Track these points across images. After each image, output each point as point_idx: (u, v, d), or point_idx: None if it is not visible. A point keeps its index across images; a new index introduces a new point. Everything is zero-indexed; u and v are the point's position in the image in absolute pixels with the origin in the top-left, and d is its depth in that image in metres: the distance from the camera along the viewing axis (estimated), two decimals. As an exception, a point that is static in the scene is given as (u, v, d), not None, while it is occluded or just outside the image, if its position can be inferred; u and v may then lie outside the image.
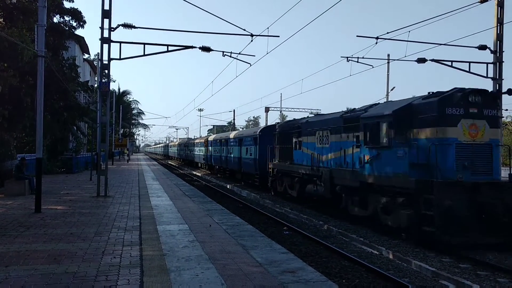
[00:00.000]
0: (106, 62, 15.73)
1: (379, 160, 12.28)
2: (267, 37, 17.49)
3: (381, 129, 12.14)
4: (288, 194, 19.62)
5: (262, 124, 73.75)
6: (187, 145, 59.12)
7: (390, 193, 11.77)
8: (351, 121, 14.32)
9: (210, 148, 40.41)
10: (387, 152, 11.97)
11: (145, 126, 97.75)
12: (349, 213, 14.15)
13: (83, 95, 39.86)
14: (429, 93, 11.91)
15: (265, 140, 23.94)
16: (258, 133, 25.41)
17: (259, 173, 24.64)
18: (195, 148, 50.45)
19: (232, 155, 31.44)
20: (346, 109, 19.13)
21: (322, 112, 47.25)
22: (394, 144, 11.69)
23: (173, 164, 66.60)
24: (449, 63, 18.01)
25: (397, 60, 20.73)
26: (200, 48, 17.08)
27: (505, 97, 17.56)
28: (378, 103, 14.52)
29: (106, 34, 15.50)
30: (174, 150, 77.80)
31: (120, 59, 15.86)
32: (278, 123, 23.61)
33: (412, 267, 9.22)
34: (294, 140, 19.02)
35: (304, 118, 19.42)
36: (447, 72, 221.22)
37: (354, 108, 15.80)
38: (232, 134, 33.77)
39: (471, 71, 17.81)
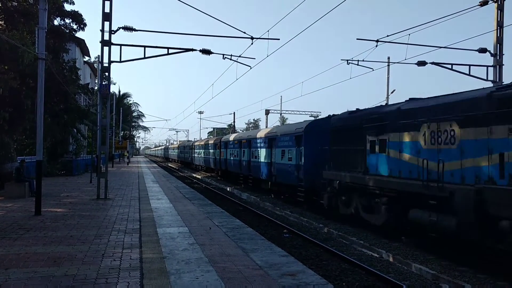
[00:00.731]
0: (107, 65, 15.78)
1: None
2: (267, 40, 17.54)
3: None
4: (363, 219, 13.14)
5: (263, 126, 73.59)
6: (192, 147, 51.69)
7: None
8: None
9: (224, 150, 33.68)
10: None
11: (145, 129, 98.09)
12: None
13: (83, 98, 39.94)
14: None
15: (313, 140, 17.88)
16: (303, 129, 18.73)
17: (304, 184, 18.01)
18: (202, 150, 44.11)
19: (258, 160, 24.59)
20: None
21: (321, 116, 44.74)
22: None
23: (173, 166, 66.64)
24: (449, 66, 18.05)
25: (397, 63, 20.81)
26: (200, 51, 17.15)
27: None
28: None
29: (106, 37, 15.57)
30: (175, 153, 77.40)
31: (120, 61, 15.92)
32: (333, 115, 17.37)
33: (412, 270, 9.22)
34: (369, 138, 12.98)
35: (392, 105, 12.90)
36: (447, 75, 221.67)
37: None
38: (258, 133, 26.54)
39: (471, 74, 17.84)
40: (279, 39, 17.46)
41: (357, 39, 17.90)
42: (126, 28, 15.90)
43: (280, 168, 20.91)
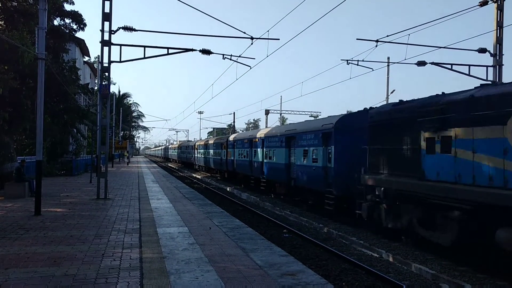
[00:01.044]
0: (106, 65, 15.78)
1: None
2: (267, 40, 17.53)
3: None
4: (420, 236, 10.58)
5: (263, 126, 73.37)
6: (195, 147, 49.49)
7: None
8: None
9: (231, 150, 31.02)
10: None
11: (145, 129, 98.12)
12: None
13: (83, 98, 39.94)
14: None
15: (346, 137, 15.21)
16: (333, 125, 15.83)
17: (334, 190, 15.23)
18: (206, 150, 41.64)
19: (273, 161, 21.84)
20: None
21: (321, 116, 44.40)
22: None
23: (173, 166, 66.65)
24: (449, 66, 18.06)
25: (397, 63, 20.81)
26: (200, 51, 17.15)
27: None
28: None
29: (106, 37, 15.57)
30: (175, 153, 77.20)
31: (120, 61, 15.91)
32: (370, 107, 14.34)
33: (412, 270, 9.22)
34: (425, 135, 10.26)
35: (458, 92, 10.03)
36: (447, 75, 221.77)
37: None
38: (273, 130, 23.64)
39: (471, 74, 17.85)
40: (279, 39, 17.47)
41: (357, 39, 17.92)
42: (126, 28, 15.90)
43: (302, 170, 18.20)
